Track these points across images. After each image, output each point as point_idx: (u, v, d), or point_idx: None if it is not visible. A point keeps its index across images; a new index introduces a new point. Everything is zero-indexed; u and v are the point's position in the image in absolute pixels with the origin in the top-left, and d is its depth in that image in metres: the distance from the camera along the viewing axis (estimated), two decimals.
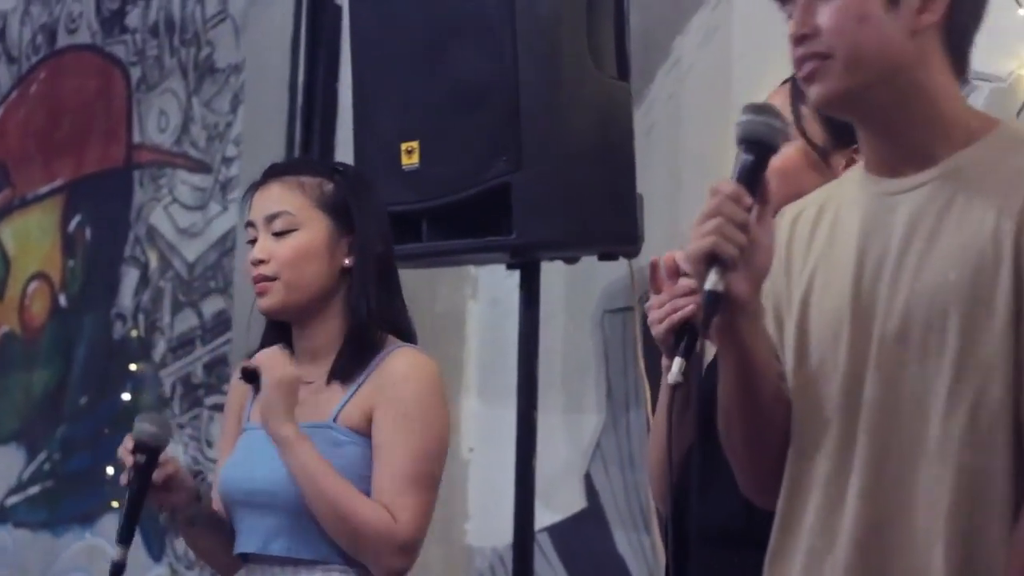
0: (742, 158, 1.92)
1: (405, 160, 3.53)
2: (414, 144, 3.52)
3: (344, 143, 4.23)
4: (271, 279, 2.79)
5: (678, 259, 2.13)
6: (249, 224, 2.86)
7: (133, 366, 5.50)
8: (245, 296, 4.20)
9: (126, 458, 2.71)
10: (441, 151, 3.49)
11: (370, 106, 3.68)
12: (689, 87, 3.86)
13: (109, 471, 5.40)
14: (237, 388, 2.94)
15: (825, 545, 1.97)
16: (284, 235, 2.80)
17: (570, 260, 3.69)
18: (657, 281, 2.21)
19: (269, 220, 2.82)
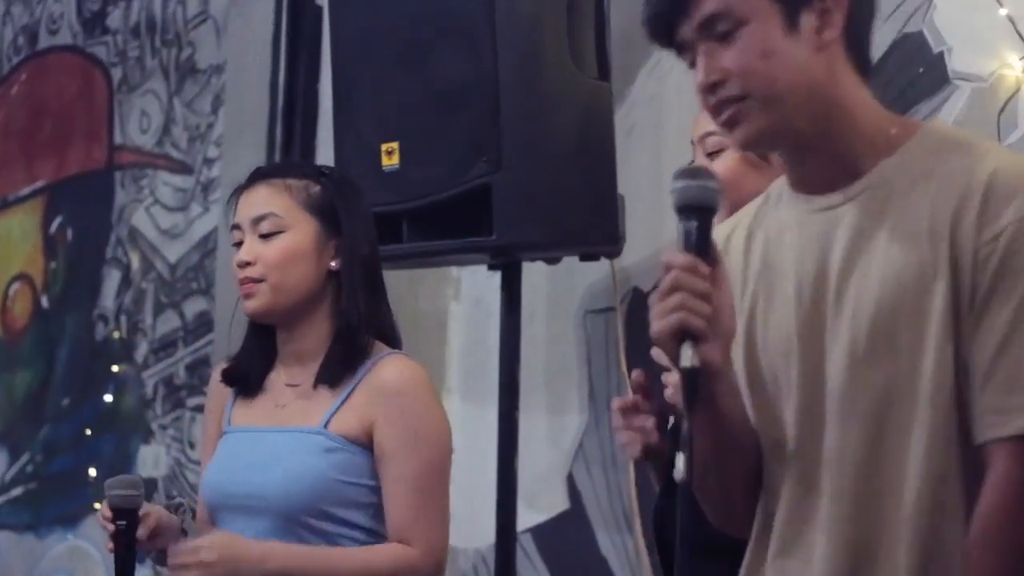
0: (685, 225, 1.88)
1: (385, 161, 3.53)
2: (394, 145, 3.51)
3: (325, 144, 4.23)
4: (257, 281, 2.78)
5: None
6: (235, 227, 2.85)
7: (115, 367, 5.49)
8: (227, 297, 4.19)
9: (107, 527, 2.70)
10: (421, 152, 3.48)
11: (350, 107, 3.67)
12: (670, 87, 3.85)
13: (92, 472, 5.39)
14: (216, 390, 2.93)
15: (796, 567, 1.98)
16: (271, 237, 2.79)
17: (551, 261, 3.69)
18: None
19: (256, 222, 2.81)
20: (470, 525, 3.92)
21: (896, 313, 1.90)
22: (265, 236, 2.80)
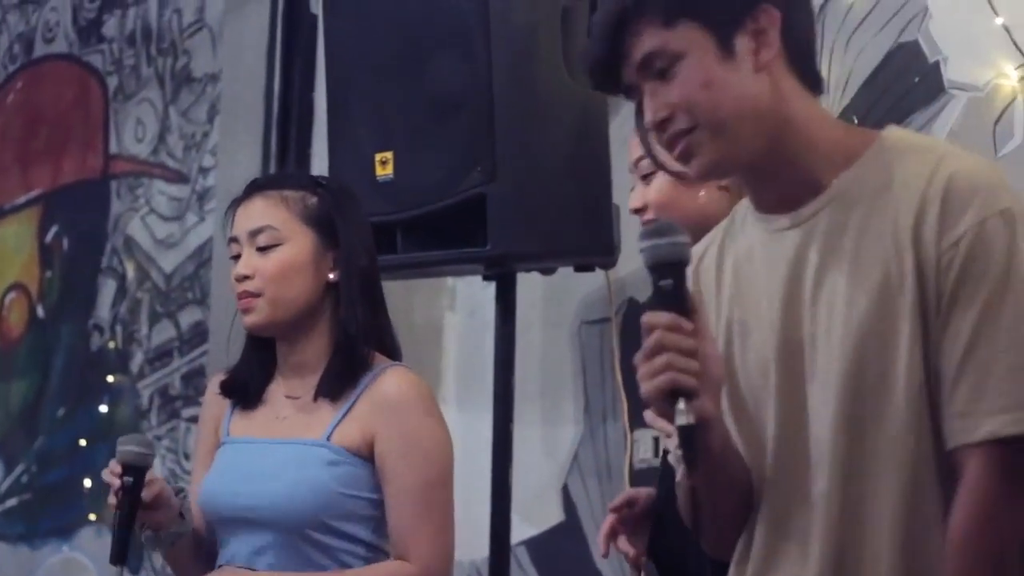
0: (661, 284, 1.88)
1: (380, 171, 3.52)
2: (388, 155, 3.51)
3: (320, 153, 4.22)
4: (255, 295, 2.78)
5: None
6: (232, 240, 2.84)
7: (111, 377, 5.48)
8: (223, 307, 4.18)
9: (112, 481, 2.68)
10: (416, 162, 3.47)
11: (345, 116, 3.66)
12: None
13: (87, 483, 5.38)
14: (213, 401, 2.93)
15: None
16: (268, 250, 2.79)
17: (546, 271, 3.68)
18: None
19: (253, 235, 2.80)
20: (464, 537, 3.88)
21: (868, 327, 1.91)
22: (263, 249, 2.79)
